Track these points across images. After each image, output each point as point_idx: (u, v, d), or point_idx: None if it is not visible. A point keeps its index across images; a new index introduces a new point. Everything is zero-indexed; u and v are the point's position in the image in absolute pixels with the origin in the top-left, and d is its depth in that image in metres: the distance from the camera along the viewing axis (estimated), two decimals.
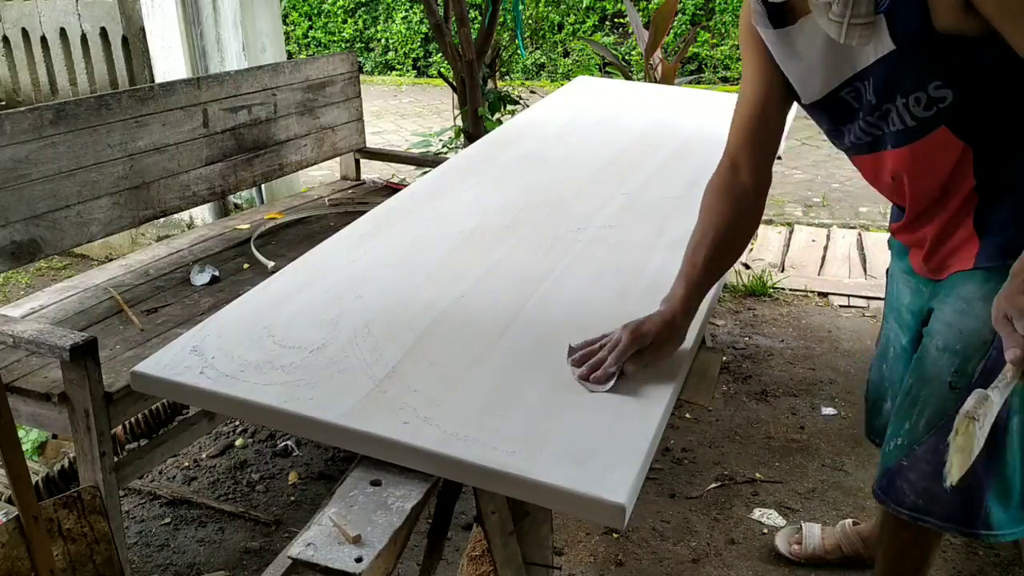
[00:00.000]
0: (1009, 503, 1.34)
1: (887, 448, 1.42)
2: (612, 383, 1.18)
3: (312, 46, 10.00)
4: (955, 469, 1.06)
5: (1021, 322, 1.04)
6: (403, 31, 9.55)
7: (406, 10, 9.54)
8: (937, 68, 1.17)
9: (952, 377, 1.31)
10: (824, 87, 1.30)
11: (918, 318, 1.49)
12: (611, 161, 2.19)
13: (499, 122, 3.94)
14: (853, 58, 1.24)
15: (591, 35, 8.90)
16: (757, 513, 2.31)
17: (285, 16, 9.85)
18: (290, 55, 9.01)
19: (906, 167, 1.31)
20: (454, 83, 4.07)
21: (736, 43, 8.45)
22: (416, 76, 9.56)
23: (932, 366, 1.35)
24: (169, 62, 3.78)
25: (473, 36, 3.83)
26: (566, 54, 9.08)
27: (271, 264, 2.51)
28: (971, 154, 1.24)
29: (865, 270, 3.92)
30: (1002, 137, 1.22)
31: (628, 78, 4.83)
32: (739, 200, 1.37)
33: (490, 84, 4.61)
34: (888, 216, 1.60)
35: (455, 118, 4.32)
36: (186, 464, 2.56)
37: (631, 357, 1.20)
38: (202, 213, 3.91)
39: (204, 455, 2.60)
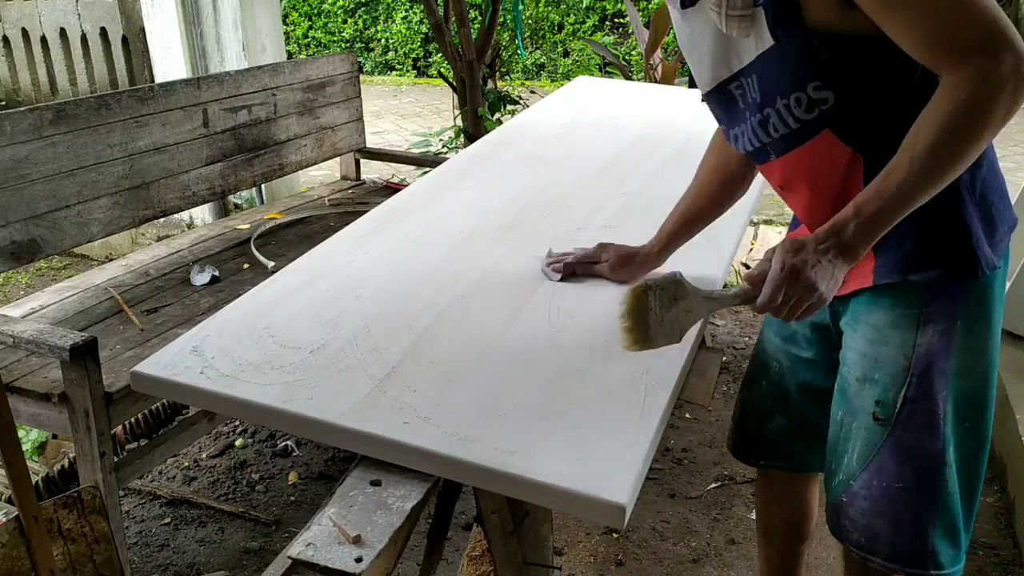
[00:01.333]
0: (956, 539, 1.30)
1: (831, 483, 1.38)
2: (560, 276, 1.51)
3: (312, 46, 9.99)
4: (623, 335, 1.14)
5: (778, 257, 1.11)
6: (403, 31, 9.55)
7: (406, 10, 9.54)
8: (813, 67, 1.13)
9: (875, 408, 1.27)
10: (713, 78, 1.27)
11: (824, 332, 1.42)
12: (611, 161, 2.19)
13: (499, 122, 3.94)
14: (740, 52, 1.19)
15: (591, 35, 8.90)
16: None
17: (285, 16, 9.84)
18: (290, 55, 9.01)
19: (794, 174, 1.26)
20: (454, 83, 4.07)
21: None
22: (416, 76, 9.56)
23: (856, 398, 1.31)
24: (169, 62, 3.78)
25: (473, 36, 3.83)
26: (566, 54, 9.08)
27: (271, 264, 2.51)
28: (861, 162, 1.19)
29: None
30: (891, 144, 1.13)
31: (628, 78, 4.83)
32: (729, 160, 1.46)
33: (490, 84, 4.62)
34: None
35: (455, 118, 4.32)
36: (186, 464, 2.56)
37: (587, 265, 1.52)
38: (202, 213, 3.91)
39: (204, 455, 2.60)
